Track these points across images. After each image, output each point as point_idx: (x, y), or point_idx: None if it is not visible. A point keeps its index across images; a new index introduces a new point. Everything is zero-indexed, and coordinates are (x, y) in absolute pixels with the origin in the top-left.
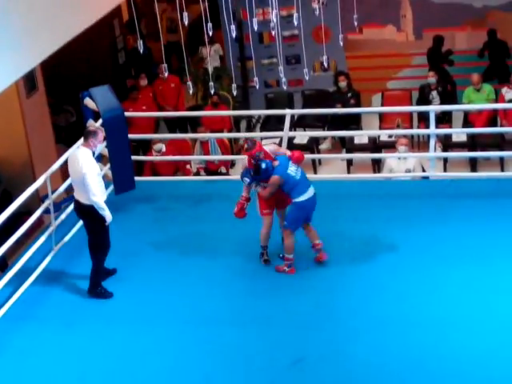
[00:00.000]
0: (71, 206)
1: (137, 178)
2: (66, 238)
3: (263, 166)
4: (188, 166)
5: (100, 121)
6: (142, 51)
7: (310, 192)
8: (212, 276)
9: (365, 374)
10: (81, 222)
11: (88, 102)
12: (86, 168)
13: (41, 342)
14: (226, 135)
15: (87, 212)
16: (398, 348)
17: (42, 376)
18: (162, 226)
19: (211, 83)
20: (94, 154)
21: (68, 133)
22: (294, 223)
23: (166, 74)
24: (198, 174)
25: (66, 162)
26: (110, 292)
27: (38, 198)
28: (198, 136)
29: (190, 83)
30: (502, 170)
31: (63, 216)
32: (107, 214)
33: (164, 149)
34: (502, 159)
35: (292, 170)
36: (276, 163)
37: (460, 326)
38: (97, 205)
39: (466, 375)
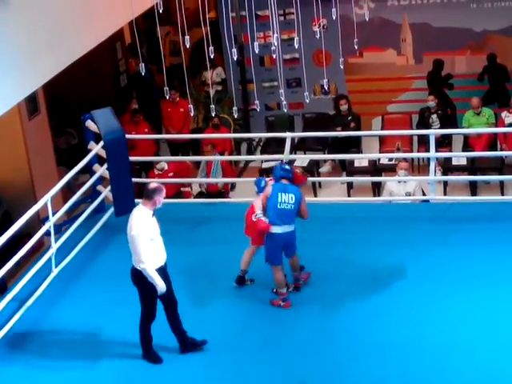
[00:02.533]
0: (72, 228)
1: (138, 201)
2: (66, 261)
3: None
4: (188, 189)
5: (101, 143)
6: (143, 74)
7: (288, 228)
8: (210, 299)
9: None
10: (81, 244)
11: (89, 124)
12: (137, 230)
13: (38, 366)
14: (228, 158)
15: (136, 276)
16: (399, 372)
17: None
18: None
19: (212, 106)
20: (153, 213)
21: (69, 155)
22: (270, 256)
23: (178, 99)
24: (201, 193)
25: (66, 184)
26: (159, 357)
27: (38, 220)
28: (203, 158)
29: (191, 106)
30: (502, 194)
31: (63, 238)
32: (158, 284)
33: (166, 167)
34: (501, 183)
35: (284, 198)
36: (271, 182)
37: (462, 350)
38: (145, 272)
39: None
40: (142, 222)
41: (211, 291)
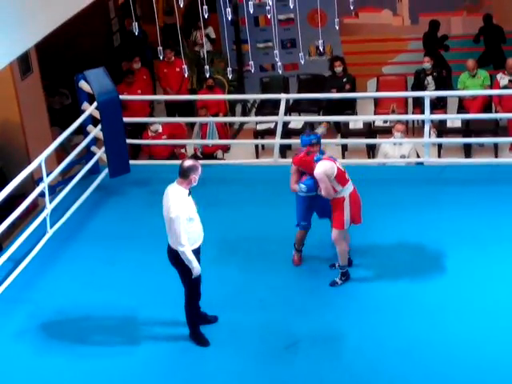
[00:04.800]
0: (66, 189)
1: (132, 162)
2: (61, 222)
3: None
4: (183, 150)
5: (95, 103)
6: (136, 33)
7: None
8: (205, 257)
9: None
10: (76, 205)
11: (83, 84)
12: (176, 211)
13: (35, 325)
14: (222, 119)
15: (175, 257)
16: (391, 330)
17: (36, 360)
18: (155, 209)
19: (206, 67)
20: (190, 192)
21: (63, 115)
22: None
23: (173, 58)
24: (194, 156)
25: (60, 145)
26: (206, 340)
27: (32, 181)
28: (198, 120)
29: (185, 67)
30: (496, 156)
31: (58, 199)
32: (195, 267)
33: (160, 129)
34: (496, 145)
35: None
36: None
37: (454, 310)
38: (183, 255)
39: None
40: (180, 203)
41: (207, 253)
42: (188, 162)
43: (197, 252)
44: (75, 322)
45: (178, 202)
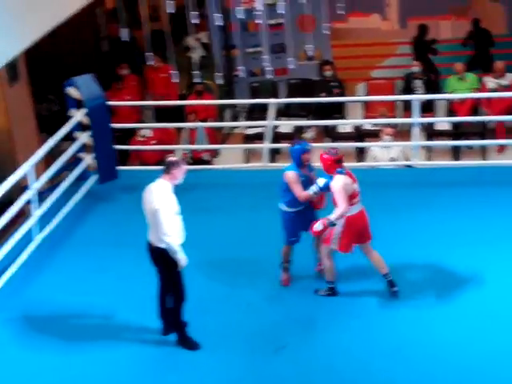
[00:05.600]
0: (54, 196)
1: (121, 168)
2: (49, 228)
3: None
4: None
5: (83, 110)
6: (125, 39)
7: None
8: (193, 262)
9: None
10: (64, 212)
11: (71, 91)
12: (160, 203)
13: (20, 336)
14: (212, 124)
15: (159, 256)
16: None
17: (23, 361)
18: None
19: (196, 72)
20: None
21: (51, 122)
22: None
23: (160, 64)
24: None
25: (49, 152)
26: (196, 343)
27: (20, 188)
28: (187, 125)
29: (174, 72)
30: (484, 159)
31: (46, 206)
32: (181, 258)
33: (148, 133)
34: (483, 148)
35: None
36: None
37: (444, 311)
38: (169, 246)
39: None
40: (164, 195)
41: (196, 259)
42: (170, 158)
43: None
44: (62, 330)
45: (163, 194)
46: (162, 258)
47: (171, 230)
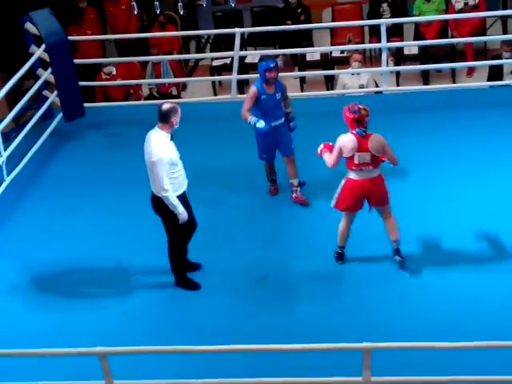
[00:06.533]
0: (20, 136)
1: (87, 105)
2: (18, 169)
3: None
4: (138, 91)
5: (42, 46)
6: None
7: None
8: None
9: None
10: (32, 152)
11: (29, 26)
12: (158, 155)
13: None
14: (176, 57)
15: (158, 205)
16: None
17: None
18: (114, 152)
19: (156, 3)
20: (171, 137)
21: (9, 59)
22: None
23: None
24: (150, 96)
25: (11, 90)
26: (197, 283)
27: None
28: (151, 59)
29: (134, 3)
30: (454, 82)
31: (12, 146)
32: (180, 212)
33: (114, 72)
34: (453, 70)
35: None
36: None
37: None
38: (167, 200)
39: None
40: (162, 147)
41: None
42: (166, 105)
43: (182, 198)
44: (45, 272)
45: (160, 145)
46: (161, 208)
47: (168, 183)
